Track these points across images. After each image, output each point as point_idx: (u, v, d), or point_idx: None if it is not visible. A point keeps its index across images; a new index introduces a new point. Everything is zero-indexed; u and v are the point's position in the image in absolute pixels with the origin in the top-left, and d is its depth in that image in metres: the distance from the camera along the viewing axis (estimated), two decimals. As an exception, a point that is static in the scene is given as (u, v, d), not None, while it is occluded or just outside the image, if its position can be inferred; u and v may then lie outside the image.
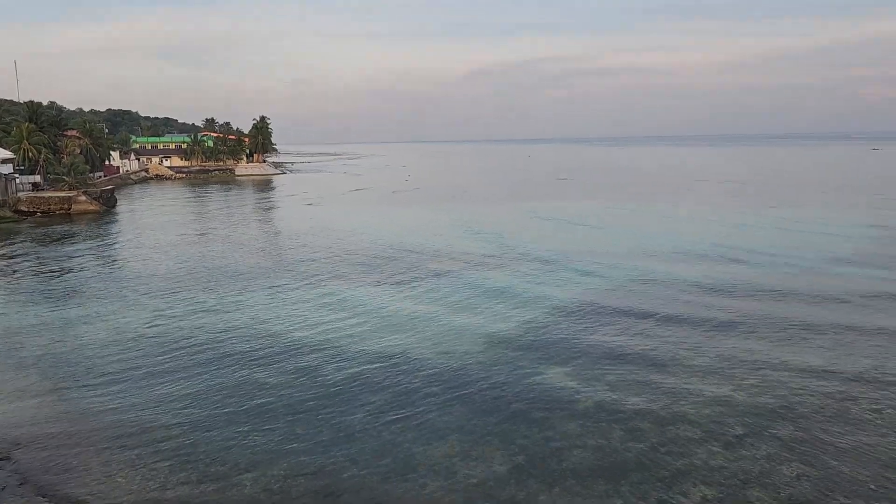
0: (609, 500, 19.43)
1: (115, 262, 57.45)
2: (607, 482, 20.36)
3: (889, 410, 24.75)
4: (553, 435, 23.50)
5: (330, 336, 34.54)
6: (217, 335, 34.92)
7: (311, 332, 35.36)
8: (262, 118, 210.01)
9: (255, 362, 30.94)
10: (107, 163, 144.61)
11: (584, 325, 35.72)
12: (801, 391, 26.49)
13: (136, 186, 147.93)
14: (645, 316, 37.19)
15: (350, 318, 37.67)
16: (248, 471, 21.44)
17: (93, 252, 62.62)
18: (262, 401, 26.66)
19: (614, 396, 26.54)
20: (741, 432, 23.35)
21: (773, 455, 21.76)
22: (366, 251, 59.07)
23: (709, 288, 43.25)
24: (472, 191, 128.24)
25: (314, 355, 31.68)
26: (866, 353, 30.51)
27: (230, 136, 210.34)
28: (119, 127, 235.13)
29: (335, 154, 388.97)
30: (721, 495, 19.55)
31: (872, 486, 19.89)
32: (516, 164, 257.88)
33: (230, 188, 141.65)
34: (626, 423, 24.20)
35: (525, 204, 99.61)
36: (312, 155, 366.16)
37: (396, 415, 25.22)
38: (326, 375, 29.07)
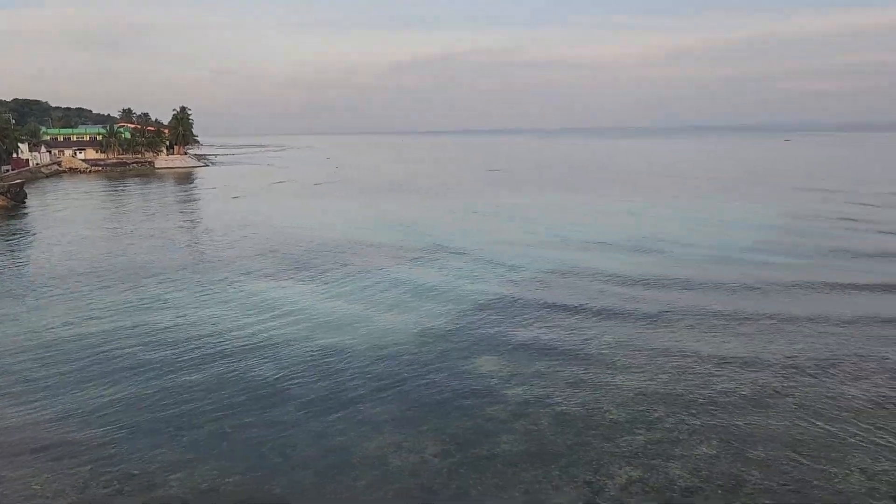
0: (539, 484, 19.89)
1: (27, 260, 54.78)
2: (537, 467, 20.83)
3: (799, 394, 26.07)
4: (484, 423, 23.86)
5: (259, 334, 33.95)
6: (140, 336, 33.79)
7: (239, 330, 34.67)
8: (183, 108, 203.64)
9: (182, 363, 30.13)
10: (14, 156, 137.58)
11: (513, 318, 36.25)
12: (719, 377, 27.56)
13: (48, 180, 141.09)
14: (570, 307, 37.93)
15: (279, 315, 37.06)
16: (176, 471, 20.93)
17: (0, 250, 59.54)
18: (190, 402, 26.01)
19: (543, 384, 27.12)
20: (663, 415, 24.26)
21: (694, 436, 22.69)
22: (293, 246, 58.19)
23: (629, 279, 44.27)
24: (401, 182, 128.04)
25: (243, 354, 31.10)
26: (781, 341, 32.00)
27: (149, 128, 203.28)
28: (27, 118, 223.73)
29: (261, 146, 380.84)
30: (645, 474, 20.29)
31: (784, 463, 21.02)
32: (446, 155, 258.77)
33: (150, 182, 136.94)
34: (554, 410, 24.78)
35: (454, 196, 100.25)
36: (238, 147, 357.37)
37: (329, 410, 25.07)
38: (256, 374, 28.56)
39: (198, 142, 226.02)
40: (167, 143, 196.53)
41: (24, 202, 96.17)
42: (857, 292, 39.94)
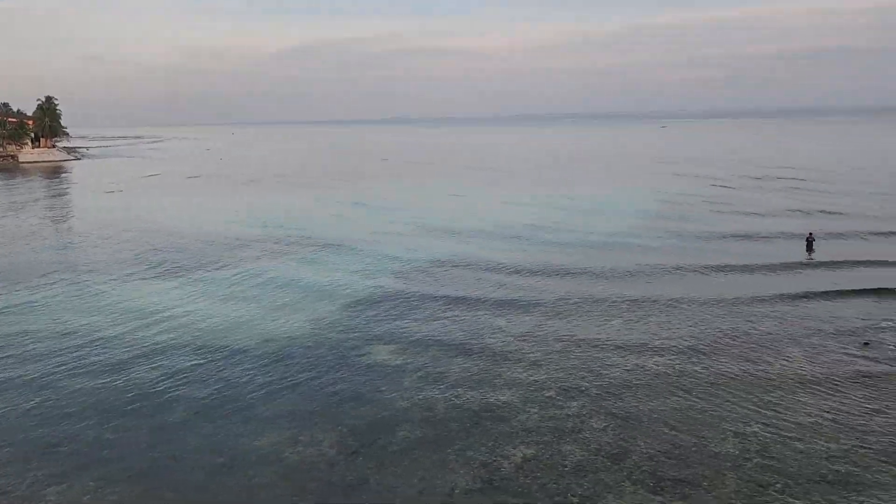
0: (437, 469, 20.13)
1: None
2: (434, 452, 21.06)
3: (676, 371, 27.60)
4: (381, 413, 23.87)
5: (139, 334, 32.43)
6: (10, 347, 31.33)
7: (118, 330, 32.99)
8: (49, 98, 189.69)
9: (56, 367, 28.34)
10: None
11: (404, 310, 36.17)
12: (603, 359, 28.61)
13: None
14: (458, 298, 38.13)
15: (162, 319, 35.23)
16: (52, 485, 19.71)
17: None
18: (67, 409, 24.52)
19: (438, 372, 27.41)
20: (554, 395, 25.09)
21: (583, 413, 23.60)
22: (174, 245, 55.74)
23: (514, 268, 44.75)
24: (286, 174, 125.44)
25: (124, 355, 29.60)
26: (659, 323, 33.56)
27: (10, 119, 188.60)
28: None
29: (138, 137, 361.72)
30: (539, 452, 20.94)
31: (665, 433, 22.25)
32: (334, 145, 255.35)
33: (14, 177, 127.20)
34: (449, 396, 25.12)
35: (340, 187, 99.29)
36: (112, 139, 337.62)
37: (221, 411, 24.29)
38: (141, 380, 27.11)
39: (67, 134, 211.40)
40: (32, 135, 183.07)
41: None
42: (723, 273, 42.29)
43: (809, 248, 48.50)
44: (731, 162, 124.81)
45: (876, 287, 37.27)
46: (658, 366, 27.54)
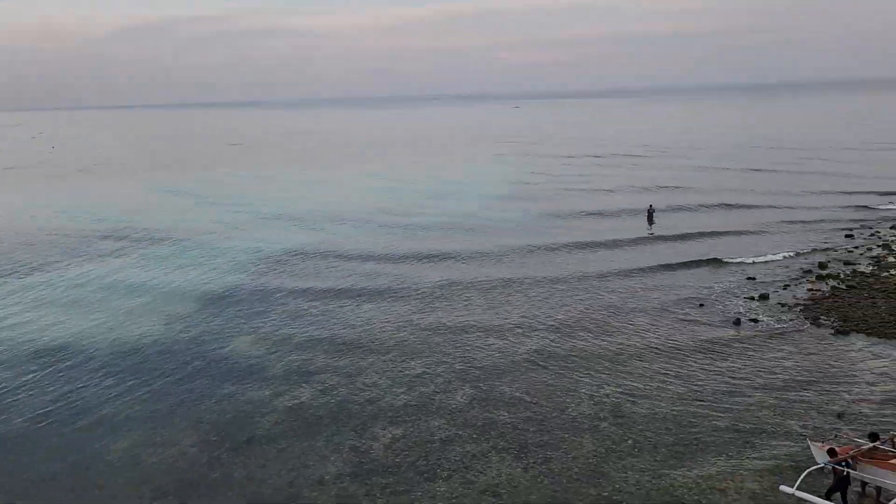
0: (306, 457, 19.86)
1: None
2: (302, 441, 20.77)
3: (535, 344, 29.01)
4: (244, 406, 23.20)
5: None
6: None
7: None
8: None
9: None
10: None
11: (261, 301, 35.46)
12: (465, 338, 29.41)
13: None
14: (313, 286, 37.93)
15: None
16: None
17: None
18: None
19: (301, 360, 27.04)
20: (419, 376, 25.43)
21: (449, 390, 24.10)
22: (11, 237, 51.15)
23: (369, 255, 44.49)
24: (124, 163, 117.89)
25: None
26: (518, 302, 34.96)
27: None
28: None
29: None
30: (408, 431, 21.18)
31: (526, 403, 23.21)
32: (176, 130, 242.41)
33: None
34: (314, 383, 24.85)
35: (185, 174, 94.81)
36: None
37: (69, 419, 22.67)
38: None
39: None
40: None
41: None
42: (574, 251, 44.16)
43: (650, 219, 52.05)
44: (581, 141, 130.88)
45: (710, 257, 40.52)
46: (518, 343, 28.52)
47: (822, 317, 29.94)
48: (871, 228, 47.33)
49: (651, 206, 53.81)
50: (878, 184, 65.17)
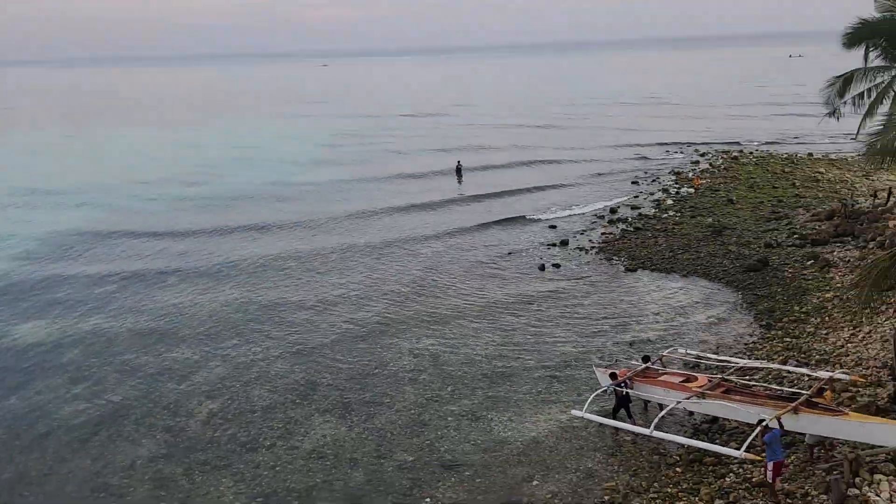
0: (113, 445, 18.54)
1: None
2: (108, 426, 19.37)
3: (350, 313, 29.06)
4: (35, 398, 21.17)
5: None
6: None
7: None
8: None
9: None
10: None
11: (46, 281, 32.52)
12: (280, 313, 28.94)
13: None
14: (108, 270, 35.36)
15: None
16: None
17: None
18: None
19: (103, 343, 25.16)
20: (235, 343, 24.65)
21: (269, 358, 23.55)
22: None
23: (159, 231, 41.05)
24: None
25: None
26: (346, 271, 34.84)
27: None
28: None
29: None
30: (226, 404, 20.45)
31: (348, 363, 23.25)
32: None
33: None
34: (119, 363, 23.27)
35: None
36: None
37: None
38: None
39: None
40: None
41: None
42: (391, 215, 44.05)
43: (459, 176, 53.73)
44: (390, 100, 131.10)
45: (516, 213, 42.52)
46: (337, 310, 28.17)
47: (614, 257, 32.73)
48: (653, 175, 52.20)
49: (459, 162, 55.43)
50: (658, 136, 71.72)
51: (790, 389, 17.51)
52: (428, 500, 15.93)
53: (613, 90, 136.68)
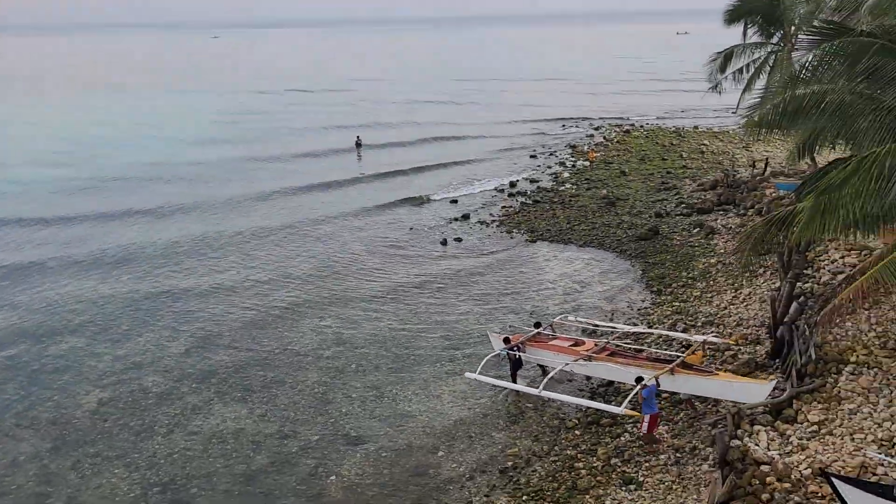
0: (-6, 441, 17.41)
1: None
2: (-13, 424, 18.15)
3: (254, 294, 28.23)
4: None
5: None
6: None
7: None
8: None
9: None
10: None
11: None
12: (175, 295, 27.95)
13: None
14: None
15: None
16: None
17: None
18: None
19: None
20: (127, 329, 23.59)
21: (161, 343, 22.67)
22: None
23: (28, 220, 37.67)
24: None
25: None
26: (229, 257, 33.52)
27: None
28: None
29: None
30: (118, 393, 19.55)
31: (248, 344, 22.71)
32: None
33: None
34: (-2, 356, 21.76)
35: None
36: None
37: None
38: None
39: None
40: None
41: None
42: (289, 196, 42.83)
43: (358, 151, 53.15)
44: (281, 74, 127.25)
45: (418, 189, 42.39)
46: (236, 293, 27.32)
47: (514, 230, 33.32)
48: (550, 149, 53.34)
49: (358, 137, 54.74)
50: (554, 111, 73.21)
51: (669, 352, 18.61)
52: (333, 477, 15.85)
53: (509, 66, 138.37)
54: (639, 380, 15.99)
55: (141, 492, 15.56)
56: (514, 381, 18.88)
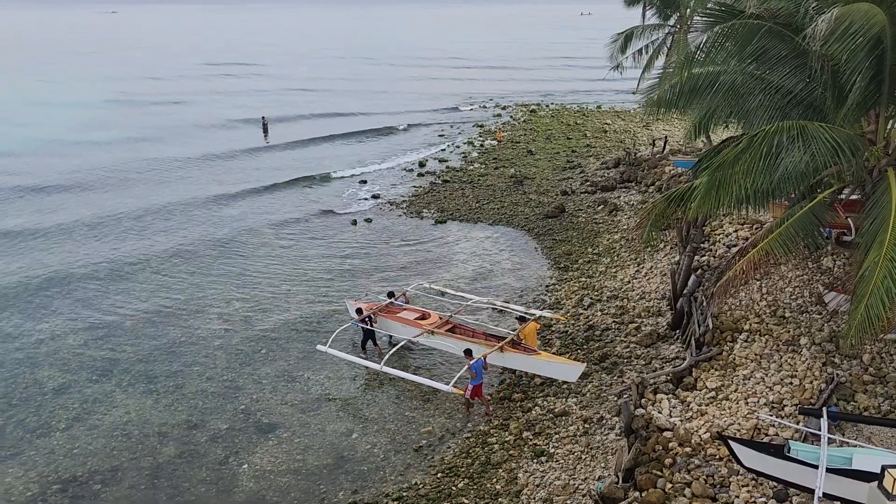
0: None
1: None
2: None
3: (157, 277, 27.17)
4: None
5: None
6: None
7: None
8: None
9: None
10: None
11: None
12: (73, 282, 26.73)
13: None
14: None
15: None
16: None
17: None
18: None
19: None
20: (18, 325, 22.21)
21: (56, 335, 21.50)
22: None
23: None
24: None
25: None
26: (127, 235, 32.12)
27: None
28: None
29: None
30: (10, 389, 18.45)
31: (149, 331, 21.84)
32: None
33: None
34: None
35: None
36: None
37: None
38: None
39: None
40: None
41: None
42: (192, 174, 42.14)
43: (265, 132, 51.67)
44: (182, 50, 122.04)
45: (326, 169, 41.71)
46: (138, 276, 26.43)
47: (424, 210, 33.34)
48: (458, 129, 53.56)
49: (264, 118, 53.26)
50: (461, 90, 73.51)
51: (503, 330, 19.77)
52: (245, 466, 15.52)
53: (415, 45, 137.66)
54: (467, 351, 17.41)
55: (39, 490, 14.79)
56: (364, 351, 19.87)
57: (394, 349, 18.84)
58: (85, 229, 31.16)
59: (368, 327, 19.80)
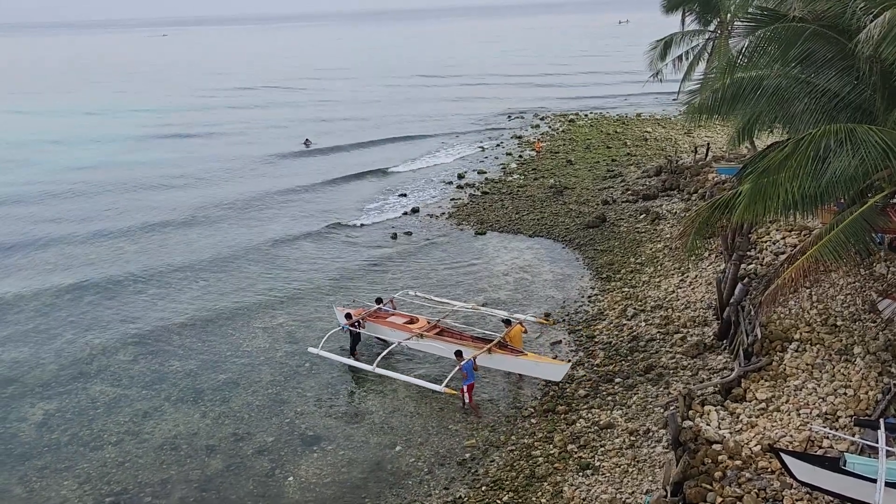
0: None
1: None
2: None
3: (199, 293, 27.69)
4: None
5: None
6: None
7: None
8: None
9: None
10: None
11: None
12: (118, 301, 27.38)
13: None
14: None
15: None
16: None
17: None
18: None
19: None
20: (70, 340, 22.86)
21: (108, 350, 22.08)
22: None
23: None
24: None
25: None
26: (173, 248, 32.86)
27: None
28: None
29: None
30: (64, 404, 19.02)
31: (199, 345, 22.25)
32: None
33: None
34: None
35: None
36: None
37: None
38: None
39: None
40: None
41: None
42: (236, 196, 42.84)
43: (307, 148, 52.44)
44: (216, 72, 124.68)
45: (368, 186, 42.16)
46: (180, 291, 26.89)
47: (463, 222, 33.37)
48: (496, 140, 53.53)
49: (307, 139, 53.95)
50: (500, 103, 73.45)
51: (491, 333, 20.22)
52: (291, 479, 15.67)
53: (453, 59, 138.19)
54: (458, 353, 18.03)
55: (92, 502, 15.13)
56: (353, 354, 20.43)
57: (385, 351, 19.36)
58: (133, 247, 31.85)
59: (357, 330, 20.57)
